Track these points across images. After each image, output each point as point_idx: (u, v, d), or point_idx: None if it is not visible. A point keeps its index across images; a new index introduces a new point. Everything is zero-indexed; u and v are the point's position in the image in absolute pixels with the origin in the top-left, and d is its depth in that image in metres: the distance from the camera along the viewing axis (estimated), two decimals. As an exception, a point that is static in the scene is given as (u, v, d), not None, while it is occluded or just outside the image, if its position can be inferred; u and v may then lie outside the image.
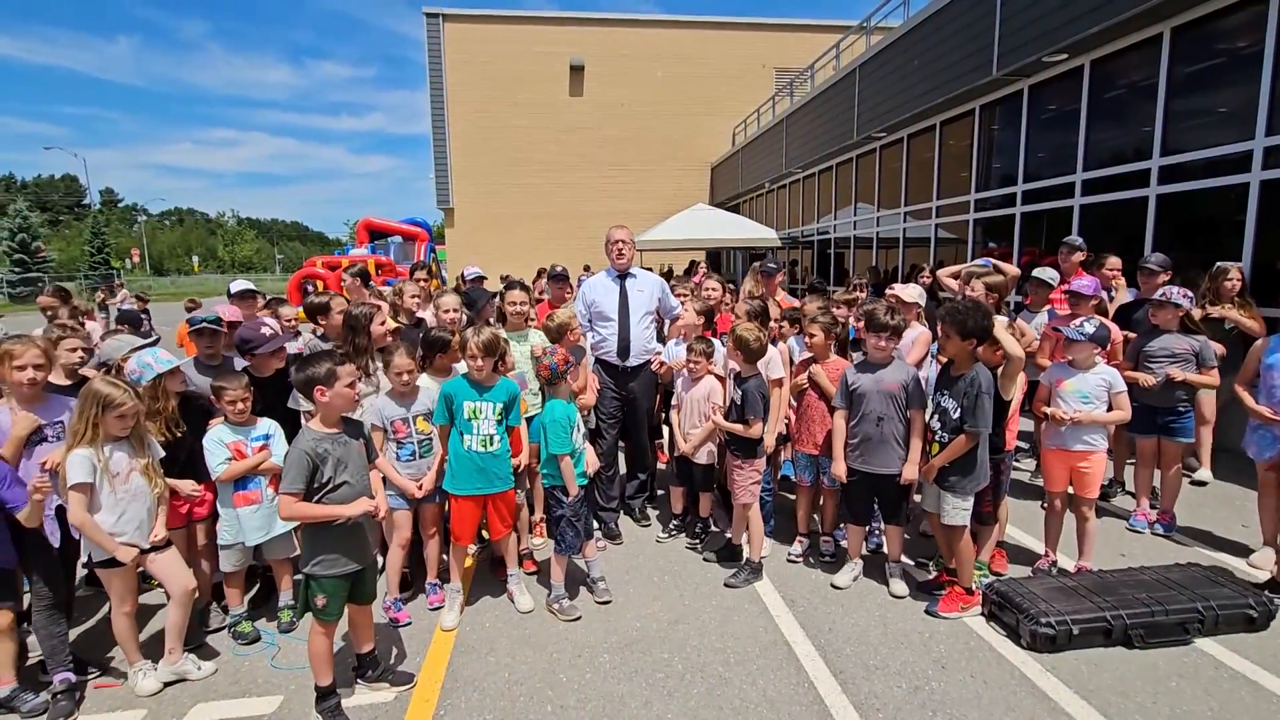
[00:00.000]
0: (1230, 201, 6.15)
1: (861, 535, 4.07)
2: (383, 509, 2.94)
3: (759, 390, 3.94)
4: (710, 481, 4.55)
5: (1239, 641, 3.26)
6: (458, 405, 3.54)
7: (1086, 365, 3.86)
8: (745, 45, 25.08)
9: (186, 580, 3.11)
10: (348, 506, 2.79)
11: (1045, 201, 8.50)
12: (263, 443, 3.49)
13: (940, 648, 3.29)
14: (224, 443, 3.39)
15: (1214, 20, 6.30)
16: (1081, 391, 3.83)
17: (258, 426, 3.52)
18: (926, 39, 10.38)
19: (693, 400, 4.32)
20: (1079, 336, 3.81)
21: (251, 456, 3.43)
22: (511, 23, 24.62)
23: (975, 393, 3.42)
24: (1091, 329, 3.81)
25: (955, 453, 3.49)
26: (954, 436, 3.50)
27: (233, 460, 3.38)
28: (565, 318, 4.40)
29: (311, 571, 2.81)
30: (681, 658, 3.26)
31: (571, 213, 24.73)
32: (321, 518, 2.77)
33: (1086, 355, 3.85)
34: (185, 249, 77.45)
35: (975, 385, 3.43)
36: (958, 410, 3.49)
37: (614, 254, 4.81)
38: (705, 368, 4.26)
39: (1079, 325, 3.87)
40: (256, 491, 3.46)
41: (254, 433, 3.49)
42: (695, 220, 15.91)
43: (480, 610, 3.75)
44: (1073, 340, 3.84)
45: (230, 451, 3.39)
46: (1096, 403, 3.82)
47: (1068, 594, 3.41)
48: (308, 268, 17.27)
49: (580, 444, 3.71)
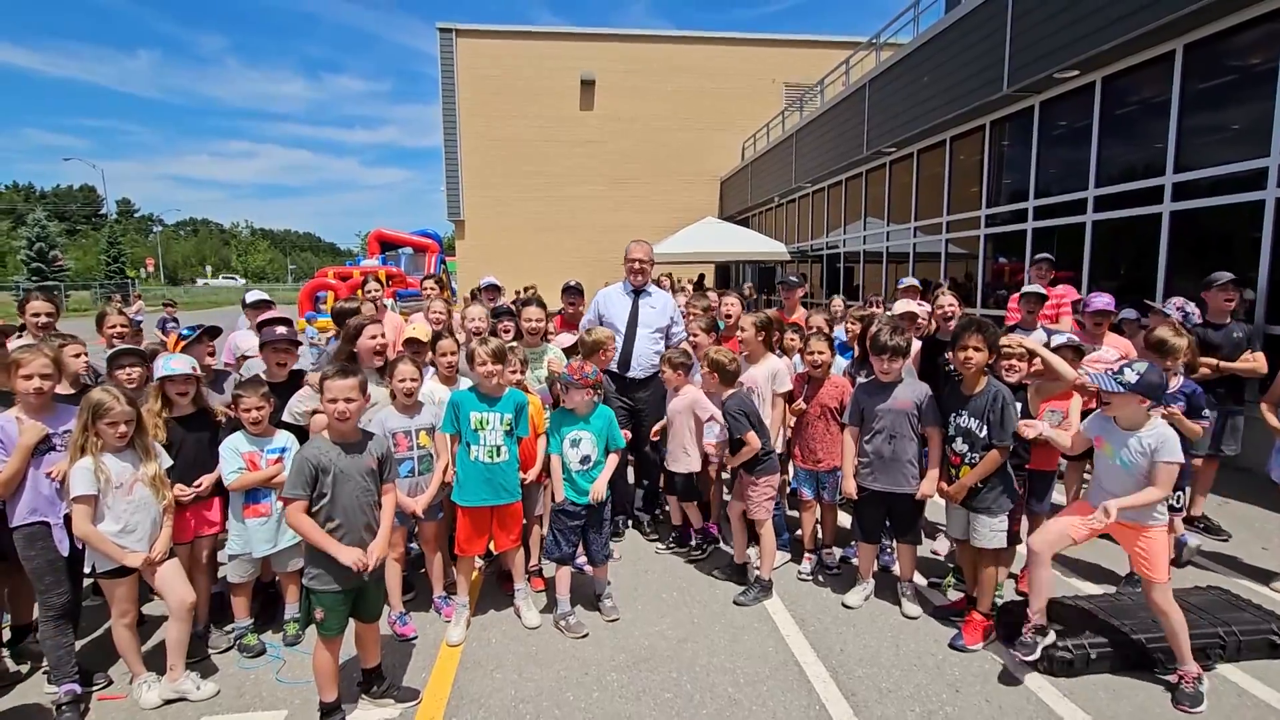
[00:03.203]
0: (1246, 218, 6.10)
1: (873, 554, 4.01)
2: (371, 562, 2.82)
3: (739, 408, 3.93)
4: (691, 492, 4.51)
5: (1262, 669, 3.18)
6: (464, 415, 3.53)
7: (1132, 423, 2.97)
8: (755, 61, 25.24)
9: (185, 594, 3.08)
10: (342, 549, 2.74)
11: (1057, 217, 8.46)
12: (278, 455, 3.48)
13: (955, 671, 3.23)
14: (239, 452, 3.39)
15: (1227, 38, 6.28)
16: (1123, 459, 2.97)
17: (275, 439, 3.52)
18: (937, 55, 10.40)
19: (673, 413, 4.33)
20: (1116, 388, 2.90)
21: (264, 469, 3.42)
22: (523, 38, 24.92)
23: (1000, 406, 3.35)
24: (1134, 376, 2.88)
25: (987, 469, 3.38)
26: (984, 455, 3.40)
27: (245, 471, 3.37)
28: (603, 337, 4.42)
29: (310, 585, 2.80)
30: (690, 677, 3.21)
31: (581, 225, 24.86)
32: (317, 544, 2.75)
33: (1131, 411, 2.94)
34: (199, 259, 78.39)
35: (999, 399, 3.36)
36: (984, 428, 3.40)
37: (631, 270, 4.83)
38: (678, 379, 4.29)
39: (1118, 372, 2.95)
40: (266, 504, 3.46)
41: (270, 445, 3.49)
42: (704, 233, 15.91)
43: (487, 625, 3.71)
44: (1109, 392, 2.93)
45: (244, 462, 3.38)
46: (1137, 474, 2.92)
47: (1086, 617, 3.34)
48: (319, 278, 17.40)
49: (578, 459, 3.67)
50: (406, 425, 3.62)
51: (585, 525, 3.71)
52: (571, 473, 3.65)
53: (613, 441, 3.75)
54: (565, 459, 3.66)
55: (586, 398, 3.65)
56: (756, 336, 4.34)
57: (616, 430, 3.79)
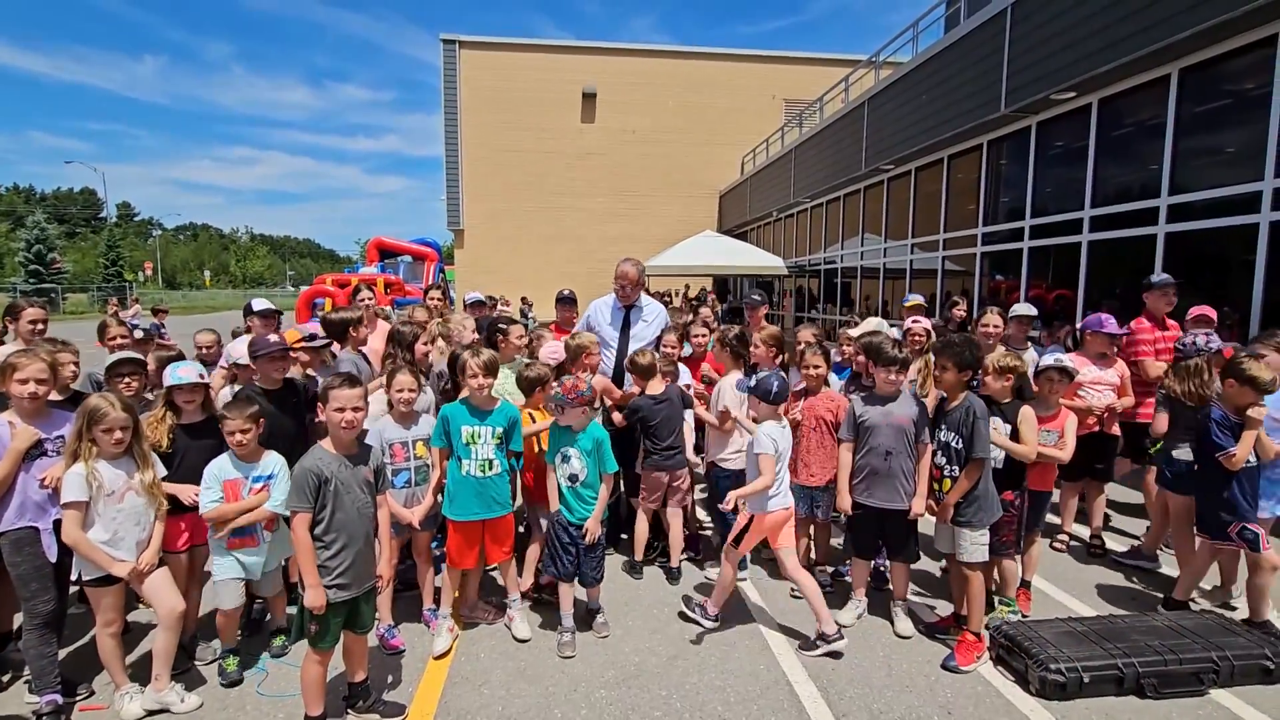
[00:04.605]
0: (1240, 241, 6.13)
1: (867, 570, 3.99)
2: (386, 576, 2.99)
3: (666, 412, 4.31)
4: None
5: (1256, 694, 3.16)
6: (455, 429, 3.50)
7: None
8: (756, 77, 25.48)
9: (175, 603, 3.03)
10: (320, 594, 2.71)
11: (1053, 237, 8.50)
12: (263, 484, 3.26)
13: (946, 693, 3.20)
14: (220, 479, 3.17)
15: (1222, 62, 6.35)
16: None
17: (262, 464, 3.29)
18: (935, 74, 10.50)
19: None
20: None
21: (244, 500, 3.20)
22: (526, 50, 25.15)
23: (971, 420, 3.41)
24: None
25: (966, 485, 3.45)
26: (963, 469, 3.47)
27: (223, 502, 3.17)
28: (586, 342, 4.42)
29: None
30: (680, 695, 3.17)
31: (580, 236, 24.96)
32: (305, 574, 2.72)
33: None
34: (198, 263, 78.38)
35: (970, 414, 3.42)
36: (959, 440, 3.47)
37: (617, 289, 4.85)
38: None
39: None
40: (253, 538, 3.27)
41: (256, 471, 3.25)
42: (703, 247, 16.01)
43: (476, 639, 3.67)
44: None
45: (222, 491, 3.17)
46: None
47: (1078, 639, 3.31)
48: (318, 285, 17.38)
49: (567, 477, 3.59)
50: (404, 436, 3.60)
51: (579, 545, 3.59)
52: (563, 489, 3.61)
53: (603, 464, 3.61)
54: (559, 474, 3.63)
55: (580, 415, 3.58)
56: (723, 350, 4.60)
57: (608, 453, 3.63)
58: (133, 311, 18.73)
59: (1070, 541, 4.94)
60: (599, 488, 3.60)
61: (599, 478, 3.60)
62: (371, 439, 3.49)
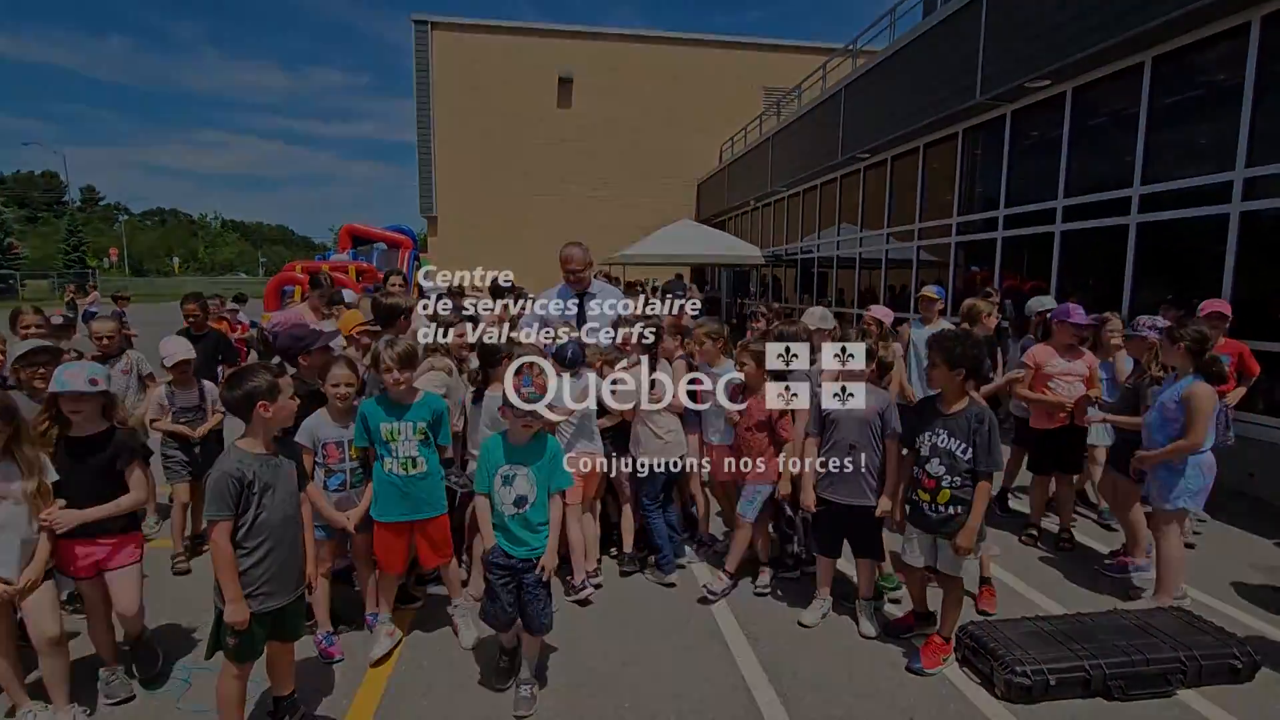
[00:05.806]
0: (1211, 232, 6.09)
1: (830, 568, 3.84)
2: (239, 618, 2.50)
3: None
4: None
5: (1223, 694, 3.08)
6: (374, 426, 3.25)
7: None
8: (734, 64, 25.19)
9: (47, 628, 2.71)
10: (242, 609, 2.48)
11: (1027, 226, 8.45)
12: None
13: (910, 698, 3.08)
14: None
15: (1195, 52, 6.29)
16: None
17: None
18: (911, 62, 10.38)
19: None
20: None
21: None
22: (501, 33, 24.55)
23: (987, 430, 3.14)
24: None
25: (983, 504, 3.16)
26: (966, 480, 3.16)
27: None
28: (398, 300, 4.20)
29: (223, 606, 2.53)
30: (633, 703, 3.01)
31: (555, 224, 24.44)
32: (226, 588, 2.48)
33: None
34: (166, 249, 76.31)
35: (986, 422, 3.14)
36: (968, 450, 3.16)
37: (567, 278, 4.66)
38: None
39: None
40: None
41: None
42: (680, 236, 15.79)
43: (418, 644, 3.47)
44: None
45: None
46: None
47: (1045, 640, 3.21)
48: (287, 271, 16.90)
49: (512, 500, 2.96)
50: (340, 435, 3.35)
51: (520, 582, 2.96)
52: (504, 517, 2.95)
53: (555, 481, 3.03)
54: (496, 500, 2.98)
55: (522, 426, 2.93)
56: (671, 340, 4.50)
57: (560, 466, 3.05)
58: (91, 299, 18.10)
59: (1039, 538, 4.86)
60: (548, 511, 3.01)
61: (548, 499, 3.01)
62: (303, 436, 3.28)
